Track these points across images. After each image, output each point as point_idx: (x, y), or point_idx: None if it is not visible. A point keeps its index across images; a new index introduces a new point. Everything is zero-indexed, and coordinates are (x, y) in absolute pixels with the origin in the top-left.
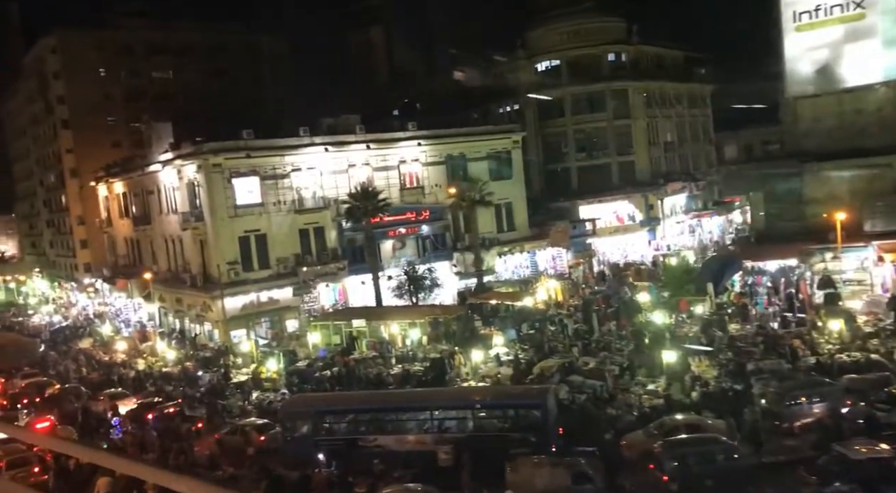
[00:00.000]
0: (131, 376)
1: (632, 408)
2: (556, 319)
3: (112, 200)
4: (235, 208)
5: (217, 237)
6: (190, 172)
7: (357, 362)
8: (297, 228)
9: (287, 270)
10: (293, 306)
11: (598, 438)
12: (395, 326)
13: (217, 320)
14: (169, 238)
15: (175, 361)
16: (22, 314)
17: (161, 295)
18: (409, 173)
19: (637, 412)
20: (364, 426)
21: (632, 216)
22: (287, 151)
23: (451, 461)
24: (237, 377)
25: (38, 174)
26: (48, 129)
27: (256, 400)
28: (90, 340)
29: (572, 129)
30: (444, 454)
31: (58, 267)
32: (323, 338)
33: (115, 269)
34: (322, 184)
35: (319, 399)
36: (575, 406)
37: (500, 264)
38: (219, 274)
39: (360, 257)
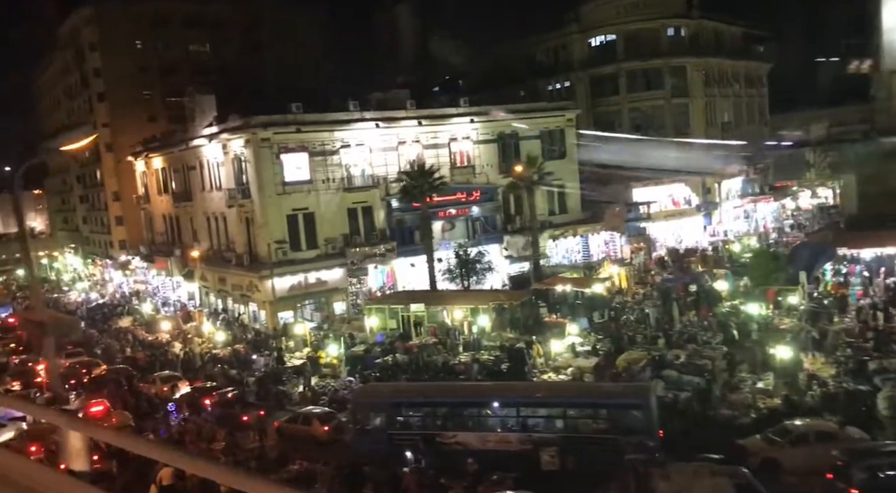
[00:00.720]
0: (179, 358)
1: (749, 409)
2: (632, 307)
3: (150, 176)
4: (284, 185)
5: (265, 215)
6: (236, 146)
7: (419, 348)
8: (345, 207)
9: (335, 250)
10: (341, 288)
11: (710, 442)
12: (458, 311)
13: (264, 301)
14: (211, 216)
15: (224, 343)
16: (56, 291)
17: (203, 274)
18: (459, 152)
19: (755, 414)
20: (443, 421)
21: (688, 200)
22: (336, 126)
23: (556, 464)
24: (291, 362)
25: None
26: (83, 102)
27: (317, 387)
28: (130, 318)
29: (627, 107)
30: (549, 457)
31: (91, 244)
32: (378, 322)
33: (153, 246)
34: (371, 161)
35: (393, 390)
36: (680, 405)
37: (551, 248)
38: (269, 253)
39: (409, 238)
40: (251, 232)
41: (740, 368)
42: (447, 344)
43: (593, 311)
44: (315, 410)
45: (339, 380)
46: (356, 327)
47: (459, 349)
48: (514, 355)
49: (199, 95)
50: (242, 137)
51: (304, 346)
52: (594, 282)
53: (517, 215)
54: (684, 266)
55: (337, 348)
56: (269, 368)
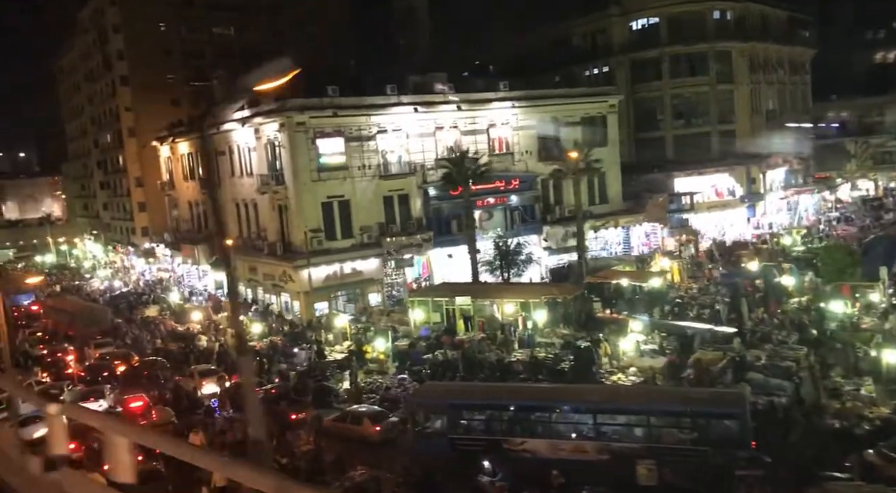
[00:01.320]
0: (215, 350)
1: (860, 419)
2: (690, 303)
3: (175, 162)
4: (319, 172)
5: (299, 202)
6: (270, 131)
7: (468, 344)
8: (381, 195)
9: (371, 240)
10: (376, 279)
11: (818, 456)
12: (509, 306)
13: (299, 292)
14: (241, 202)
15: (260, 335)
16: (78, 278)
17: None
18: (498, 138)
19: (867, 425)
20: (509, 425)
21: (731, 191)
22: (373, 110)
23: (654, 479)
24: (331, 355)
25: (92, 133)
26: (105, 85)
27: (363, 383)
28: (156, 307)
29: (669, 93)
30: (647, 470)
31: (112, 230)
32: (423, 316)
33: (178, 234)
34: (408, 148)
35: (454, 390)
36: (779, 414)
37: (590, 240)
38: (305, 242)
39: (446, 228)
40: (285, 220)
41: (833, 371)
42: (496, 340)
43: (653, 306)
44: (364, 408)
45: (386, 376)
46: (396, 319)
47: (514, 346)
48: (583, 355)
49: (229, 77)
50: (277, 121)
51: (343, 339)
52: (651, 276)
53: (556, 205)
54: (734, 260)
55: (384, 342)
56: (311, 362)
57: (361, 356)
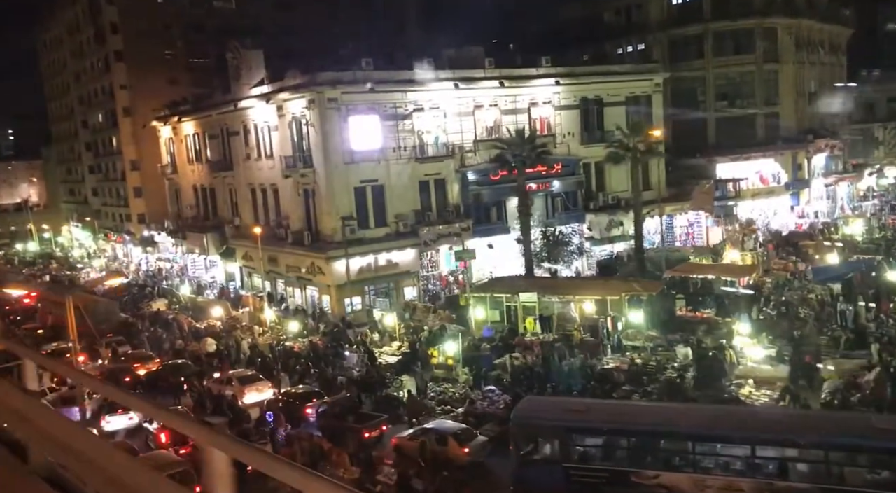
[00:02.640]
0: (244, 351)
1: None
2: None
3: (178, 143)
4: (352, 153)
5: (330, 187)
6: (296, 107)
7: (546, 348)
8: (416, 179)
9: (406, 229)
10: (412, 272)
11: None
12: (588, 304)
13: (329, 285)
14: (259, 187)
15: (296, 334)
16: (67, 268)
17: (246, 253)
18: (540, 118)
19: None
20: (639, 454)
21: (777, 177)
22: (410, 86)
23: None
24: (381, 358)
25: (80, 114)
26: (97, 61)
27: (434, 393)
28: (163, 301)
29: (712, 73)
30: None
31: (104, 217)
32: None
33: (181, 221)
34: (445, 128)
35: (569, 408)
36: None
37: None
38: (336, 230)
39: (485, 215)
40: (313, 206)
41: None
42: (572, 342)
43: (751, 305)
44: (449, 425)
45: (457, 384)
46: (445, 317)
47: (608, 350)
48: (711, 363)
49: (244, 51)
50: (305, 97)
51: (390, 339)
52: (744, 270)
53: (599, 192)
54: (801, 252)
55: (455, 344)
56: (364, 366)
57: (426, 361)
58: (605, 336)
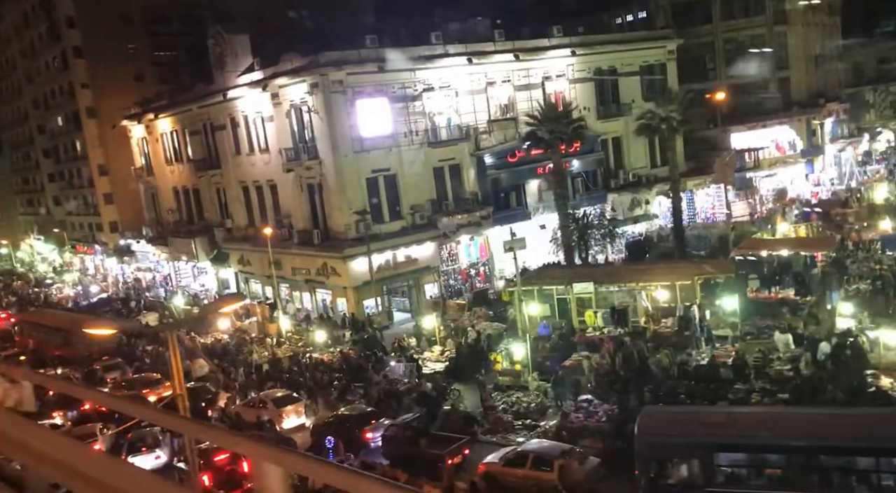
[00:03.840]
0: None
1: None
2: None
3: (153, 143)
4: (362, 141)
5: (340, 179)
6: (295, 94)
7: (618, 344)
8: (430, 166)
9: (423, 220)
10: (433, 267)
11: None
12: (662, 291)
13: (345, 287)
14: (252, 185)
15: (322, 345)
16: (35, 285)
17: (242, 257)
18: (554, 92)
19: None
20: (802, 475)
21: (792, 144)
22: (419, 63)
23: None
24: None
25: (35, 118)
26: (52, 60)
27: (505, 404)
28: (153, 315)
29: (722, 38)
30: None
31: (69, 227)
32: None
33: (161, 227)
34: (457, 108)
35: (708, 421)
36: None
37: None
38: (353, 227)
39: (504, 201)
40: (320, 201)
41: None
42: (645, 335)
43: (834, 283)
44: (549, 444)
45: (528, 393)
46: (482, 315)
47: (700, 343)
48: (853, 352)
49: (229, 36)
50: (306, 81)
51: (428, 344)
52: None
53: (618, 170)
54: (838, 222)
55: (524, 348)
56: (413, 377)
57: (490, 368)
58: (698, 327)
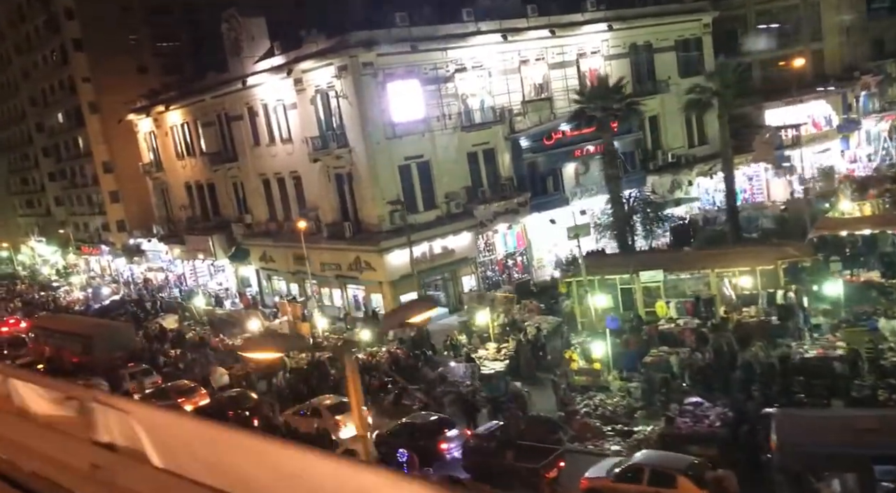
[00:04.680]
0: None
1: None
2: None
3: (162, 137)
4: (394, 127)
5: (373, 168)
6: (321, 78)
7: (699, 337)
8: (464, 151)
9: (458, 209)
10: (470, 258)
11: None
12: (746, 278)
13: (381, 282)
14: (274, 177)
15: (366, 344)
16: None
17: (265, 253)
18: (589, 70)
19: None
20: None
21: (829, 120)
22: (450, 43)
23: None
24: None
25: (33, 116)
26: (51, 54)
27: (588, 408)
28: (173, 317)
29: (754, 10)
30: None
31: (73, 228)
32: (581, 298)
33: (173, 225)
34: (490, 89)
35: (859, 427)
36: None
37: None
38: (387, 218)
39: (541, 187)
40: (350, 192)
41: None
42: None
43: None
44: (668, 455)
45: (611, 394)
46: (532, 308)
47: (804, 335)
48: None
49: (244, 20)
50: (333, 64)
51: (479, 342)
52: None
53: (656, 150)
54: None
55: (603, 343)
56: (474, 379)
57: (569, 368)
58: (801, 316)
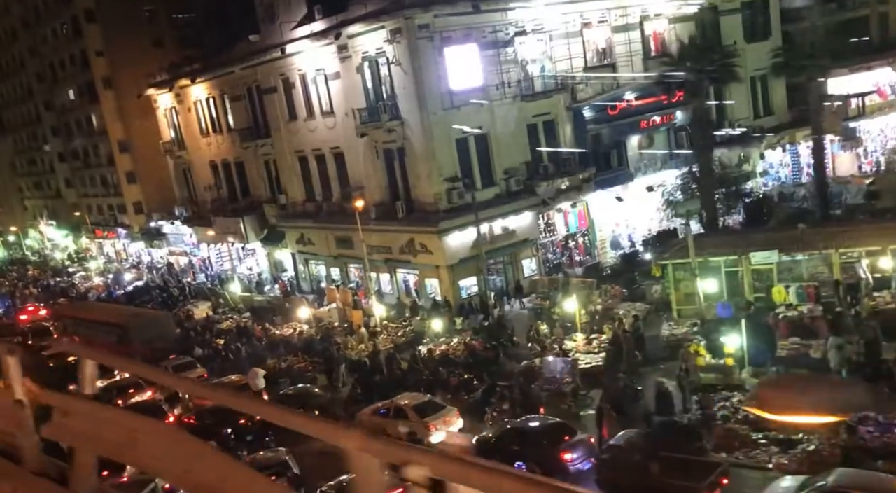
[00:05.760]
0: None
1: None
2: None
3: (185, 113)
4: (451, 96)
5: (429, 142)
6: (370, 44)
7: (835, 325)
8: (524, 123)
9: (518, 186)
10: (531, 239)
11: None
12: (885, 259)
13: (437, 266)
14: (312, 153)
15: (435, 335)
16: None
17: (302, 236)
18: (653, 33)
19: None
20: None
21: (894, 89)
22: (511, 2)
23: None
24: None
25: (40, 93)
26: (61, 27)
27: (726, 412)
28: (205, 305)
29: None
30: None
31: (85, 210)
32: (678, 282)
33: (197, 206)
34: (551, 54)
35: None
36: None
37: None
38: (444, 196)
39: (605, 161)
40: (401, 169)
41: None
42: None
43: None
44: (861, 473)
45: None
46: (615, 294)
47: None
48: None
49: None
50: (386, 27)
51: (561, 334)
52: None
53: (722, 121)
54: None
55: (738, 336)
56: (575, 376)
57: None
58: None
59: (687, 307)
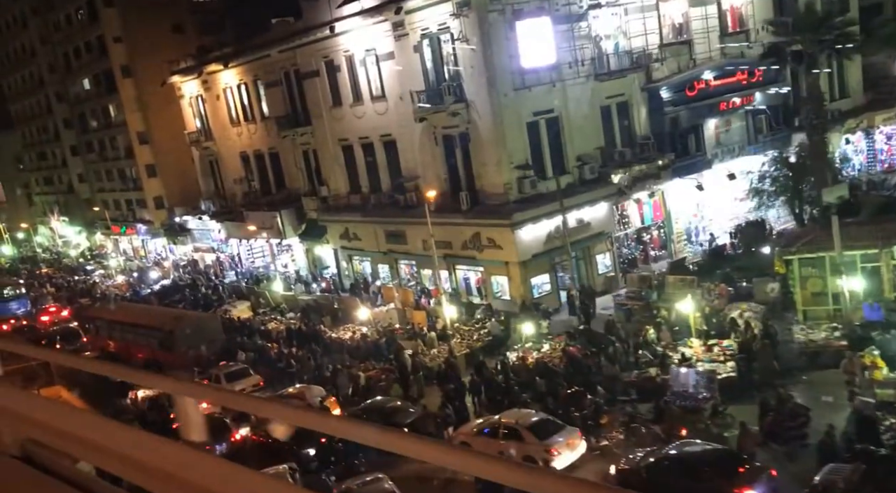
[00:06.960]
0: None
1: None
2: None
3: (212, 100)
4: (522, 75)
5: (498, 126)
6: (431, 20)
7: None
8: (597, 105)
9: (593, 173)
10: (606, 232)
11: None
12: None
13: (507, 262)
14: (358, 142)
15: (529, 338)
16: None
17: (346, 231)
18: (731, 8)
19: None
20: None
21: None
22: None
23: None
24: None
25: (52, 84)
26: (75, 12)
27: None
28: (245, 304)
29: None
30: None
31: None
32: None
33: (226, 200)
34: (626, 30)
35: None
36: None
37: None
38: (515, 185)
39: (682, 147)
40: (464, 157)
41: None
42: None
43: None
44: None
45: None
46: (721, 293)
47: None
48: None
49: None
50: (452, 1)
51: (674, 338)
52: None
53: (804, 105)
54: None
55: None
56: (713, 392)
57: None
58: None
59: (815, 308)
